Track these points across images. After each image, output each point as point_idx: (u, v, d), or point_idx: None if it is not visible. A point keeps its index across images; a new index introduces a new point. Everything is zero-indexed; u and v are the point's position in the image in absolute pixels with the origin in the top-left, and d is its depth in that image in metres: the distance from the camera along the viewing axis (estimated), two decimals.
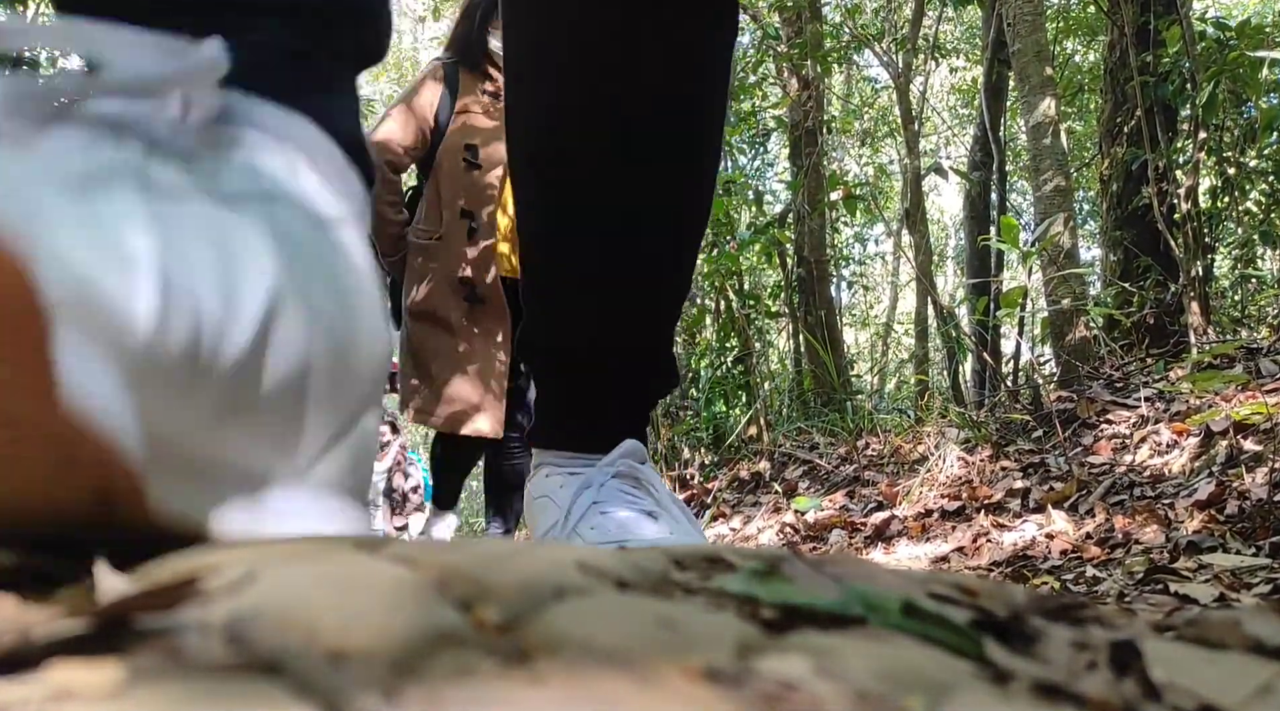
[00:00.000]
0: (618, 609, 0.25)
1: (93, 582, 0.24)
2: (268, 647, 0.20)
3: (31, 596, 0.24)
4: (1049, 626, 0.28)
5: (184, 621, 0.22)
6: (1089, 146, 9.60)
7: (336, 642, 0.21)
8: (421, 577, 0.25)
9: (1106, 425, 3.43)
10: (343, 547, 0.28)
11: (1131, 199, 5.07)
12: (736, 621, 0.25)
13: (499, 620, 0.23)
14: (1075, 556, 2.40)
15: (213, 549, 0.28)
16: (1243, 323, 4.89)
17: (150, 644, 0.21)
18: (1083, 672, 0.25)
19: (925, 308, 7.68)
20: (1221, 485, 2.47)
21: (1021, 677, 0.24)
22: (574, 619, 0.24)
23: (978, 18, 9.36)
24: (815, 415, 5.51)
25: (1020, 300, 3.81)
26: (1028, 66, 4.68)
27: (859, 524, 3.37)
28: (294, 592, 0.23)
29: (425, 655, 0.21)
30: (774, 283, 7.24)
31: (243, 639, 0.21)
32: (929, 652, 0.24)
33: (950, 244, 15.95)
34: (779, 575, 0.29)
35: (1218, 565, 1.98)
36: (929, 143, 13.18)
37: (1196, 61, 4.17)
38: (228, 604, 0.22)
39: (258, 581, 0.24)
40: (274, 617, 0.22)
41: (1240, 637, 0.29)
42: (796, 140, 6.54)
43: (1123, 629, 0.30)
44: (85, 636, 0.21)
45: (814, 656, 0.23)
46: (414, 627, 0.22)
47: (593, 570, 0.27)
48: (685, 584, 0.29)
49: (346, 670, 0.20)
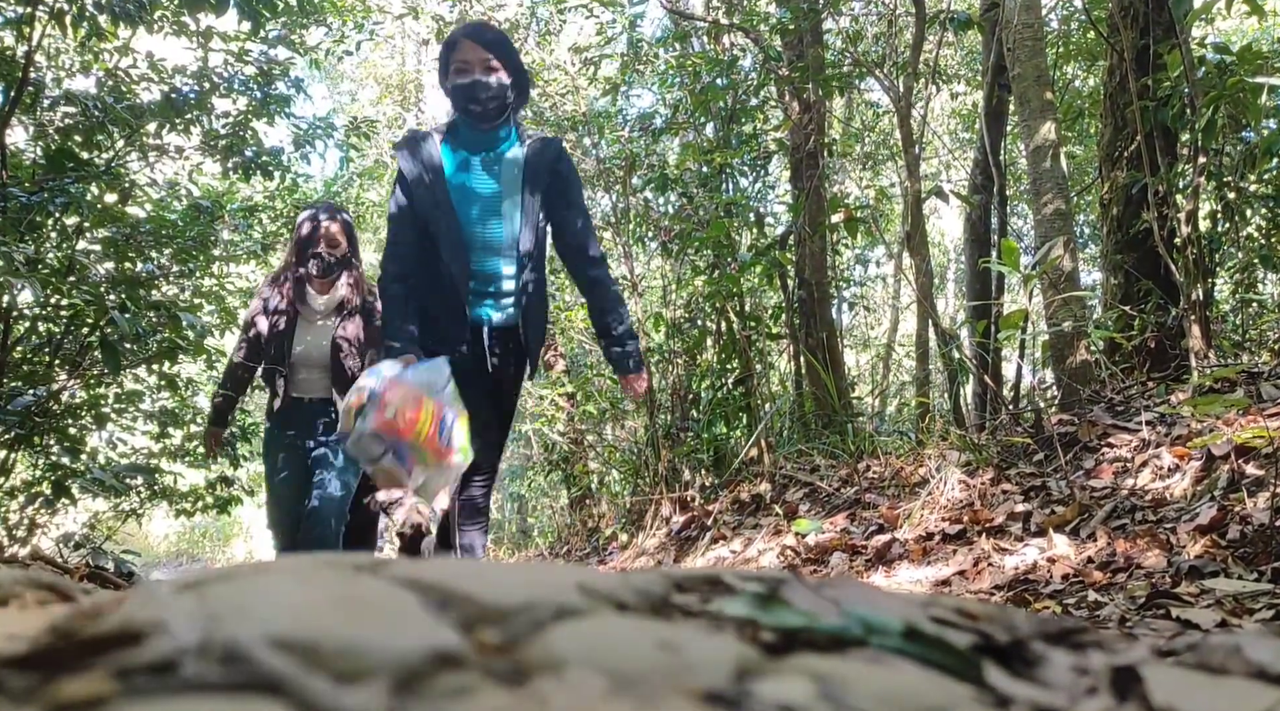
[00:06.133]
0: (618, 631, 0.25)
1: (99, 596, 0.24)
2: (268, 667, 0.20)
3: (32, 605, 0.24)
4: (1050, 651, 0.28)
5: (183, 641, 0.22)
6: (1089, 170, 9.64)
7: (337, 663, 0.21)
8: (422, 598, 0.25)
9: (1108, 448, 3.43)
10: (343, 568, 0.28)
11: (1132, 223, 5.08)
12: (736, 644, 0.25)
13: (499, 641, 0.23)
14: (1077, 580, 2.39)
15: (219, 567, 0.28)
16: (1244, 347, 4.89)
17: (147, 662, 0.21)
18: (1083, 697, 0.25)
19: (926, 330, 7.68)
20: (1223, 509, 2.46)
21: (1021, 702, 0.24)
22: (574, 640, 0.24)
23: (978, 43, 9.43)
24: (816, 437, 5.50)
25: (1021, 323, 3.82)
26: (1028, 91, 4.70)
27: (860, 546, 3.36)
28: (295, 613, 0.23)
29: (426, 675, 0.21)
30: (775, 304, 7.24)
31: (242, 658, 0.21)
32: (929, 676, 0.24)
33: (951, 267, 15.99)
34: (779, 598, 0.29)
35: (1220, 590, 1.97)
36: (930, 166, 13.23)
37: (1196, 86, 4.19)
38: (228, 623, 0.22)
39: (258, 601, 0.24)
40: (274, 638, 0.21)
41: (1242, 663, 0.29)
42: (798, 163, 6.57)
43: (1124, 653, 0.30)
44: (78, 651, 0.21)
45: (814, 680, 0.22)
46: (414, 648, 0.22)
47: (593, 592, 0.27)
48: (685, 606, 0.29)
49: (347, 690, 0.20)
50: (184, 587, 0.27)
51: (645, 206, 7.29)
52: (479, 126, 2.93)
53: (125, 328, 3.65)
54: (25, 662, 0.20)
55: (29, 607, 0.34)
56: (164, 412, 5.99)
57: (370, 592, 0.26)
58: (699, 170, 6.70)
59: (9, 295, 3.80)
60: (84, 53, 5.75)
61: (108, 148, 5.03)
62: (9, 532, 4.86)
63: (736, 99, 6.67)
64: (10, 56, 4.38)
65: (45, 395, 4.40)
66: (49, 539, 5.23)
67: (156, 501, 6.05)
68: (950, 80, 10.11)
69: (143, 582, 0.30)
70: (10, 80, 4.31)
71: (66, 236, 4.69)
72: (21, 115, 4.60)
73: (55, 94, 4.95)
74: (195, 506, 6.22)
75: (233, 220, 6.48)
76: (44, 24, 4.45)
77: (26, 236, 4.25)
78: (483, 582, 0.27)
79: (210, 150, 5.69)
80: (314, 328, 3.75)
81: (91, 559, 4.60)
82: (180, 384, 5.85)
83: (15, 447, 4.48)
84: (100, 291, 3.81)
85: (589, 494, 8.07)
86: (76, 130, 4.78)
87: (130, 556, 4.90)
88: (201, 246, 5.36)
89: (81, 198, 4.40)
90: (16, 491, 4.97)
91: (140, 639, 0.23)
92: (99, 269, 4.79)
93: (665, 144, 8.13)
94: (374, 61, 16.15)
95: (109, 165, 4.85)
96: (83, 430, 5.37)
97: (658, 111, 7.66)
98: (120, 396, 5.73)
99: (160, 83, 5.29)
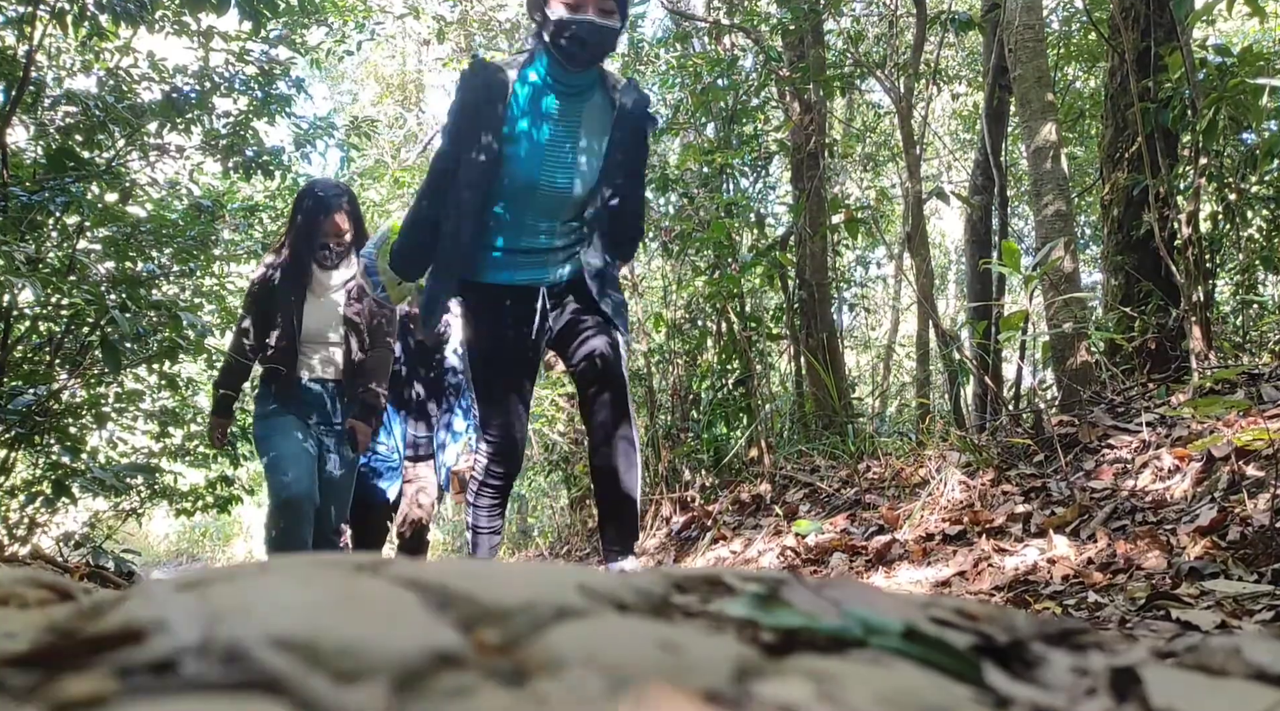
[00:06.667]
0: (618, 631, 0.25)
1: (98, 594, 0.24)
2: (268, 667, 0.20)
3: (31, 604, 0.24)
4: (1050, 651, 0.28)
5: (183, 640, 0.22)
6: (1090, 172, 9.63)
7: (337, 663, 0.21)
8: (422, 598, 0.25)
9: (1108, 450, 3.43)
10: (344, 568, 0.28)
11: (1133, 224, 5.08)
12: (736, 644, 0.25)
13: (500, 641, 0.23)
14: (1077, 581, 2.39)
15: (219, 567, 0.28)
16: (1244, 348, 4.89)
17: (147, 661, 0.21)
18: (1083, 698, 0.25)
19: (927, 331, 7.68)
20: (1223, 511, 2.46)
21: (1021, 703, 0.24)
22: (574, 640, 0.24)
23: (979, 44, 9.42)
24: (816, 438, 5.50)
25: (1021, 324, 3.82)
26: (1029, 92, 4.70)
27: (860, 547, 3.36)
28: (295, 613, 0.23)
29: (426, 675, 0.21)
30: (775, 305, 7.25)
31: (242, 658, 0.21)
32: (929, 677, 0.24)
33: (952, 268, 15.99)
34: (779, 599, 0.29)
35: (1219, 591, 1.97)
36: (931, 167, 13.23)
37: (1197, 88, 4.18)
38: (228, 623, 0.22)
39: (258, 601, 0.24)
40: (274, 637, 0.21)
41: (1242, 665, 0.29)
42: (798, 163, 6.57)
43: (1123, 655, 0.30)
44: (79, 650, 0.21)
45: (814, 680, 0.22)
46: (414, 648, 0.22)
47: (594, 592, 0.27)
48: (685, 606, 0.29)
49: (347, 690, 0.20)
50: (184, 587, 0.27)
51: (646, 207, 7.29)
52: (572, 68, 2.58)
53: (126, 327, 3.64)
54: (25, 661, 0.20)
55: (29, 606, 0.34)
56: (164, 412, 5.99)
57: (370, 592, 0.26)
58: (700, 170, 6.70)
59: (10, 294, 3.80)
60: (85, 52, 5.75)
61: (108, 147, 5.03)
62: (9, 531, 4.86)
63: (737, 99, 6.67)
64: (11, 56, 4.38)
65: (46, 394, 4.40)
66: (49, 538, 5.23)
67: (157, 501, 6.05)
68: (951, 81, 10.11)
69: (143, 582, 0.30)
70: (11, 79, 4.31)
71: (67, 236, 4.70)
72: (22, 114, 4.60)
73: (56, 93, 4.95)
74: (195, 506, 6.22)
75: (233, 220, 6.48)
76: (45, 23, 4.45)
77: (27, 235, 4.25)
78: (483, 582, 0.27)
79: (211, 150, 5.69)
80: (321, 306, 3.64)
81: (92, 558, 4.60)
82: (181, 383, 5.85)
83: (16, 446, 4.48)
84: (101, 291, 3.80)
85: (589, 494, 8.07)
86: (77, 129, 4.78)
87: (130, 555, 4.90)
88: (202, 246, 5.35)
89: (82, 197, 4.40)
90: (17, 490, 4.97)
91: (141, 638, 0.23)
92: (99, 268, 4.79)
93: (666, 144, 8.13)
94: (375, 61, 16.14)
95: (110, 164, 4.85)
96: (83, 429, 5.37)
97: (659, 112, 7.66)
98: (121, 396, 5.72)
99: (161, 82, 5.29)
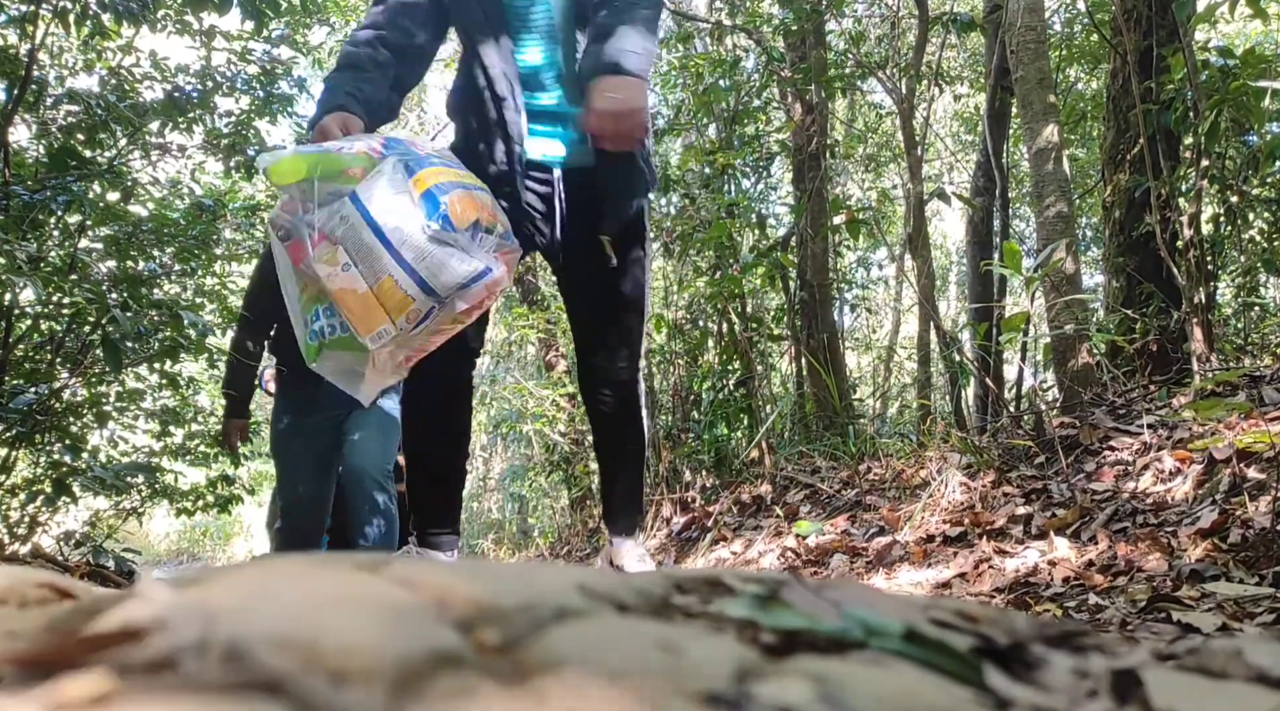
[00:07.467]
0: (618, 631, 0.25)
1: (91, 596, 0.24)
2: (267, 667, 0.20)
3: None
4: (1050, 653, 0.28)
5: (183, 639, 0.21)
6: (1091, 173, 9.63)
7: (336, 663, 0.21)
8: (421, 599, 0.25)
9: (1109, 452, 3.42)
10: (343, 568, 0.28)
11: (1134, 226, 5.08)
12: (737, 645, 0.25)
13: (499, 641, 0.23)
14: (1078, 583, 2.39)
15: (219, 566, 0.28)
16: (1246, 350, 4.88)
17: (147, 661, 0.21)
18: (1084, 700, 0.25)
19: (928, 332, 7.68)
20: (1225, 513, 2.46)
21: (1022, 704, 0.24)
22: (574, 641, 0.24)
23: (981, 45, 9.42)
24: (817, 439, 5.50)
25: (1023, 325, 3.81)
26: (1030, 93, 4.70)
27: (861, 548, 3.36)
28: (294, 612, 0.23)
29: (425, 676, 0.21)
30: (777, 306, 7.25)
31: (242, 658, 0.21)
32: (929, 679, 0.24)
33: (953, 269, 15.99)
34: (780, 600, 0.29)
35: (1220, 594, 1.97)
36: (932, 168, 13.22)
37: (1199, 90, 4.18)
38: (228, 623, 0.22)
39: (258, 600, 0.24)
40: (274, 637, 0.21)
41: (1243, 667, 0.29)
42: (800, 164, 6.57)
43: (1124, 657, 0.30)
44: (78, 649, 0.21)
45: (814, 682, 0.22)
46: (414, 648, 0.22)
47: (594, 592, 0.27)
48: (686, 607, 0.29)
49: (346, 690, 0.20)
50: (184, 586, 0.27)
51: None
52: None
53: (127, 326, 3.64)
54: (25, 660, 0.20)
55: (29, 605, 0.34)
56: (165, 411, 5.99)
57: (370, 592, 0.26)
58: (701, 171, 6.70)
59: (11, 293, 3.80)
60: (87, 51, 5.75)
61: (110, 146, 5.03)
62: (10, 530, 4.86)
63: (739, 100, 6.67)
64: (13, 54, 4.38)
65: (47, 393, 4.41)
66: (50, 537, 5.23)
67: (157, 500, 6.05)
68: (953, 82, 10.11)
69: (143, 581, 0.30)
70: (14, 78, 4.32)
71: (69, 235, 4.70)
72: (24, 113, 4.60)
73: (58, 92, 4.95)
74: (196, 505, 6.22)
75: (235, 219, 6.49)
76: (47, 22, 4.45)
77: (29, 234, 4.25)
78: (483, 582, 0.27)
79: (213, 149, 5.70)
80: None
81: (92, 557, 4.60)
82: (182, 382, 5.85)
83: (16, 445, 4.48)
84: (102, 290, 3.80)
85: (590, 494, 8.06)
86: (79, 128, 4.78)
87: (131, 554, 4.90)
88: (204, 245, 5.35)
89: (84, 196, 4.40)
90: (17, 489, 4.97)
91: (140, 637, 0.23)
92: (101, 267, 4.79)
93: (668, 145, 8.13)
94: None
95: (111, 164, 4.85)
96: (84, 428, 5.37)
97: (660, 112, 7.66)
98: (122, 395, 5.72)
99: (163, 81, 5.30)
